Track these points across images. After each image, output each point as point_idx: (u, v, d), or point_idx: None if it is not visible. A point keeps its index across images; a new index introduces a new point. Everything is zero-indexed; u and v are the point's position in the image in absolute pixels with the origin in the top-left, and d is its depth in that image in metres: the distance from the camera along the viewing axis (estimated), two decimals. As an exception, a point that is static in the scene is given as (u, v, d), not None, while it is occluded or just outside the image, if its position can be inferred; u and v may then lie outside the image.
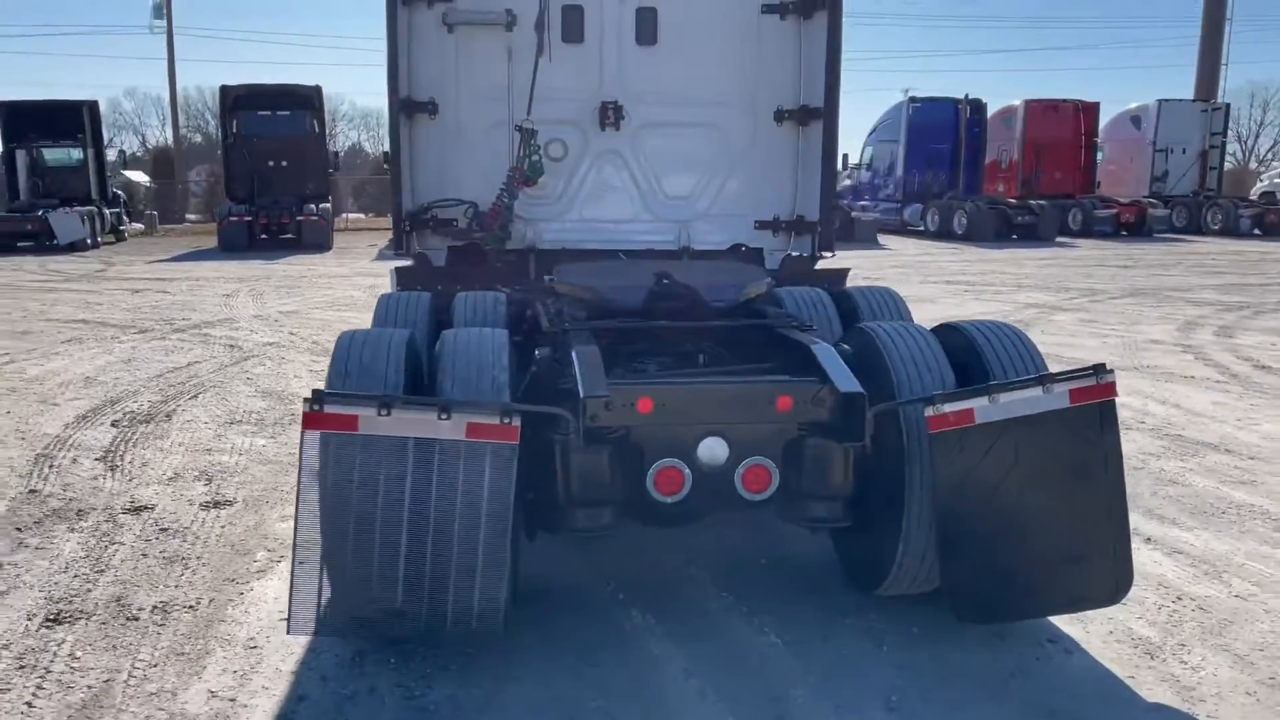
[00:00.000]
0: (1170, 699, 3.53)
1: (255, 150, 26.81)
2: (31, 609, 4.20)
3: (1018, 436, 3.62)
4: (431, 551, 3.44)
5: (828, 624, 4.08)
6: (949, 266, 20.75)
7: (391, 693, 3.55)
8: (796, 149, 6.87)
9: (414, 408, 3.41)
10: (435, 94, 6.53)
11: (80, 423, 7.38)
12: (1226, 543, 5.01)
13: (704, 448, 3.73)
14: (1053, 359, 9.83)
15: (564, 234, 6.84)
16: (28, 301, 15.02)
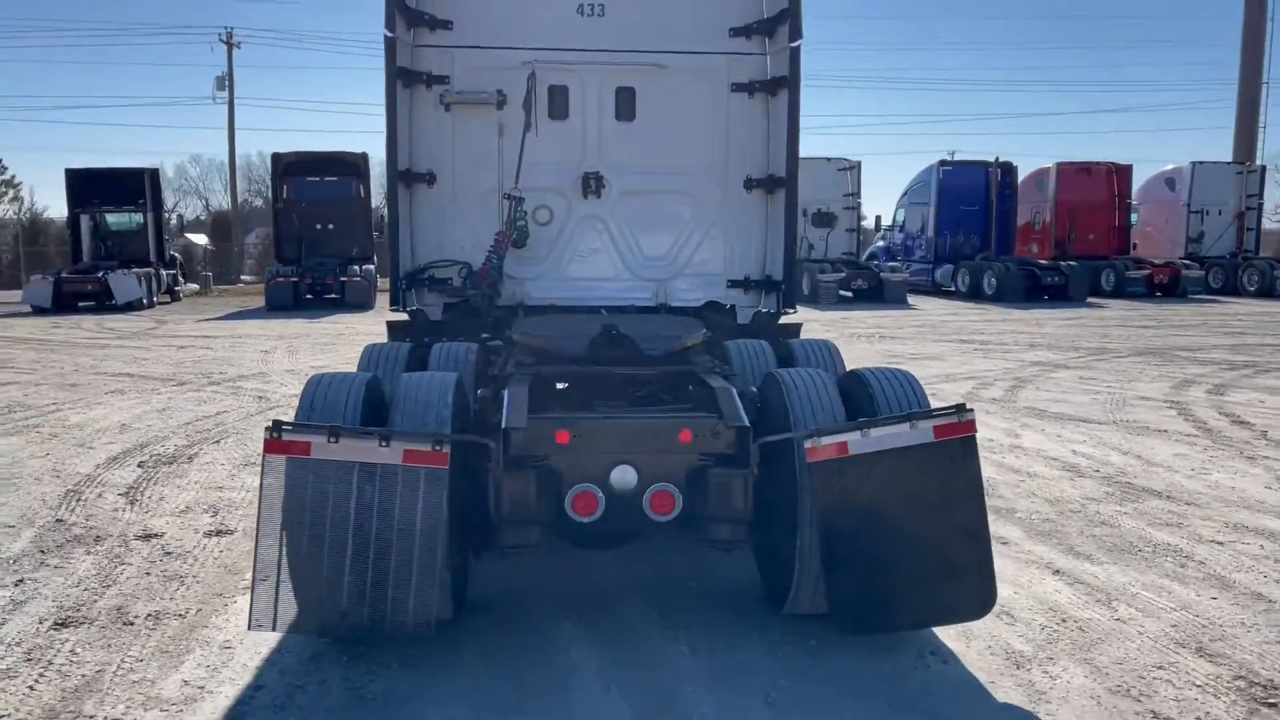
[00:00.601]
0: (1019, 700, 3.98)
1: (303, 214, 28.09)
2: (43, 615, 4.83)
3: (889, 467, 4.13)
4: (373, 561, 4.01)
5: (735, 636, 4.57)
6: (968, 326, 21.11)
7: (338, 684, 4.11)
8: (765, 214, 7.42)
9: (359, 436, 4.01)
10: (433, 165, 7.20)
11: (110, 464, 8.10)
12: (1129, 575, 5.42)
13: (615, 474, 4.27)
14: (1040, 413, 10.29)
15: (550, 292, 7.43)
16: (81, 357, 15.99)
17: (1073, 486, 7.36)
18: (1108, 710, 3.89)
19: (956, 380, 12.93)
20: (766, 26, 7.11)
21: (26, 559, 5.69)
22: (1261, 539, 6.06)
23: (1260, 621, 4.77)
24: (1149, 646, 4.48)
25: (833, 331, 19.97)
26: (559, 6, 7.09)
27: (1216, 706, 3.92)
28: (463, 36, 7.05)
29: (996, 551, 5.64)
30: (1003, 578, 5.29)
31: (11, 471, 7.85)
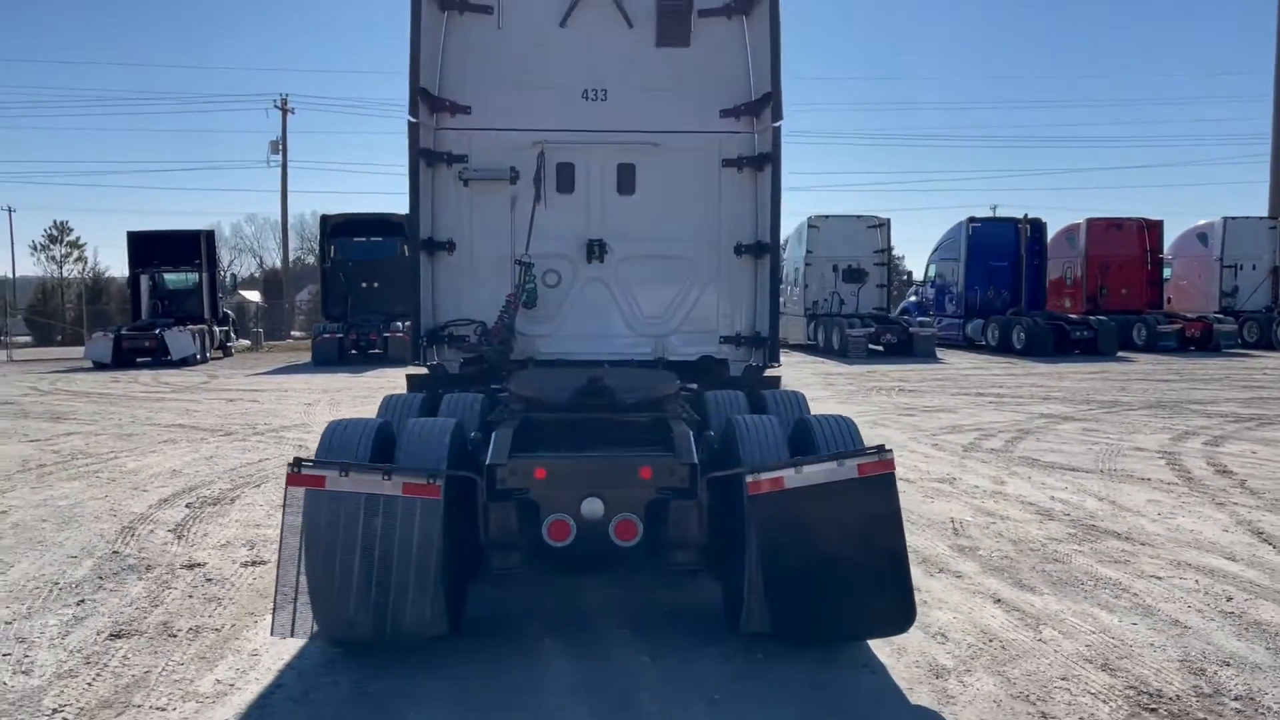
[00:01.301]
0: (930, 703, 4.57)
1: (349, 272, 29.34)
2: (100, 628, 5.60)
3: (820, 499, 4.78)
4: (376, 578, 4.73)
5: (693, 650, 5.22)
6: (990, 380, 21.56)
7: (346, 684, 4.82)
8: (754, 277, 8.12)
9: (366, 471, 4.76)
10: (453, 235, 8.00)
11: (161, 504, 8.93)
12: (1063, 604, 5.98)
13: (585, 505, 4.96)
14: (1032, 463, 10.82)
15: (558, 347, 8.16)
16: (137, 409, 17.03)
17: (1039, 528, 7.91)
18: (1005, 711, 4.48)
19: (962, 431, 13.46)
20: (753, 108, 7.85)
21: (87, 583, 6.48)
22: (1200, 575, 6.58)
23: (1169, 644, 5.31)
24: (1059, 662, 5.05)
25: (855, 385, 20.57)
26: (565, 92, 7.89)
27: (1102, 710, 4.49)
28: (480, 120, 7.86)
29: (949, 584, 6.28)
30: (946, 605, 5.92)
31: (74, 511, 8.70)
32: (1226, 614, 5.79)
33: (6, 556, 7.18)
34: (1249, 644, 5.30)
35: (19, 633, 5.54)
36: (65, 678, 4.89)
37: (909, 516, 8.16)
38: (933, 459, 11.26)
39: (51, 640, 5.42)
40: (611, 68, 7.81)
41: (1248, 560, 6.93)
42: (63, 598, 6.18)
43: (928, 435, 13.10)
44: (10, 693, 4.72)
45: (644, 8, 7.75)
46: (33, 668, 5.03)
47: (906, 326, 30.22)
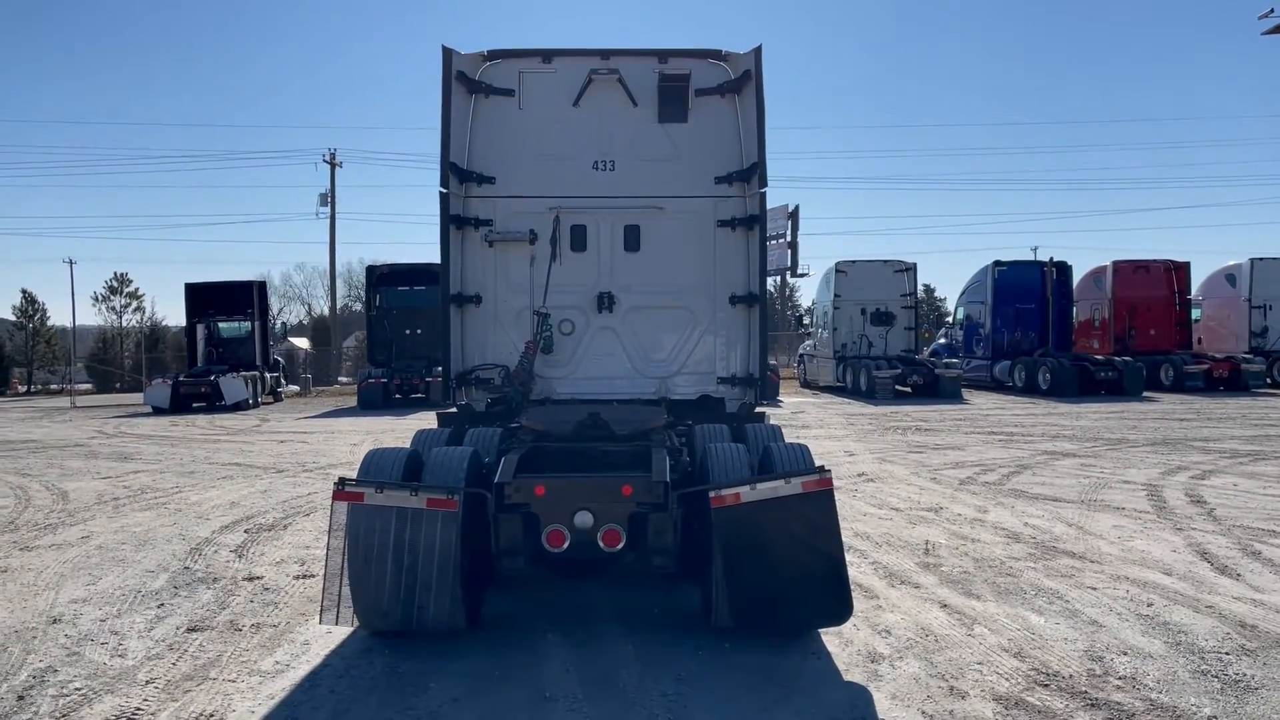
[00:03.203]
0: (860, 680, 5.51)
1: (394, 320, 30.74)
2: (179, 624, 6.69)
3: (771, 511, 5.75)
4: (405, 578, 5.77)
5: (670, 640, 6.18)
6: (1008, 419, 22.27)
7: (381, 665, 5.84)
8: (747, 325, 9.13)
9: (397, 489, 5.82)
10: (479, 289, 9.09)
11: (223, 530, 10.07)
12: (1001, 609, 6.86)
13: (578, 517, 5.97)
14: (1019, 494, 11.66)
15: (572, 387, 9.20)
16: (196, 450, 18.32)
17: (1004, 549, 8.77)
18: (921, 686, 5.39)
19: (964, 466, 14.28)
20: (744, 175, 8.89)
21: (164, 592, 7.59)
22: (1133, 587, 7.42)
23: (1080, 638, 6.19)
24: (979, 651, 5.95)
25: (874, 425, 21.38)
26: (578, 164, 8.98)
27: (1002, 685, 5.39)
28: (503, 188, 8.97)
29: (907, 593, 7.20)
30: (898, 609, 6.84)
31: (147, 536, 9.86)
32: (1141, 616, 6.65)
33: (95, 571, 8.33)
34: (1150, 639, 6.16)
35: (112, 628, 6.65)
36: (153, 659, 5.97)
37: (890, 540, 9.10)
38: (927, 491, 12.12)
39: (140, 633, 6.52)
40: (619, 141, 8.90)
41: (1182, 575, 7.75)
42: (146, 602, 7.29)
43: (929, 470, 13.94)
44: (111, 670, 5.80)
45: (647, 88, 8.84)
46: (126, 652, 6.12)
47: (932, 368, 30.94)
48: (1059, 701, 5.15)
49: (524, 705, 5.20)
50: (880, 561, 8.31)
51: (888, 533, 9.53)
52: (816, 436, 19.03)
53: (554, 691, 5.38)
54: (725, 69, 8.77)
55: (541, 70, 8.86)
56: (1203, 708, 5.07)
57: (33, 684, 5.58)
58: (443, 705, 5.19)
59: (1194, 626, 6.41)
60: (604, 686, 5.46)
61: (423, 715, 5.05)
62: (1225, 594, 7.17)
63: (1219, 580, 7.57)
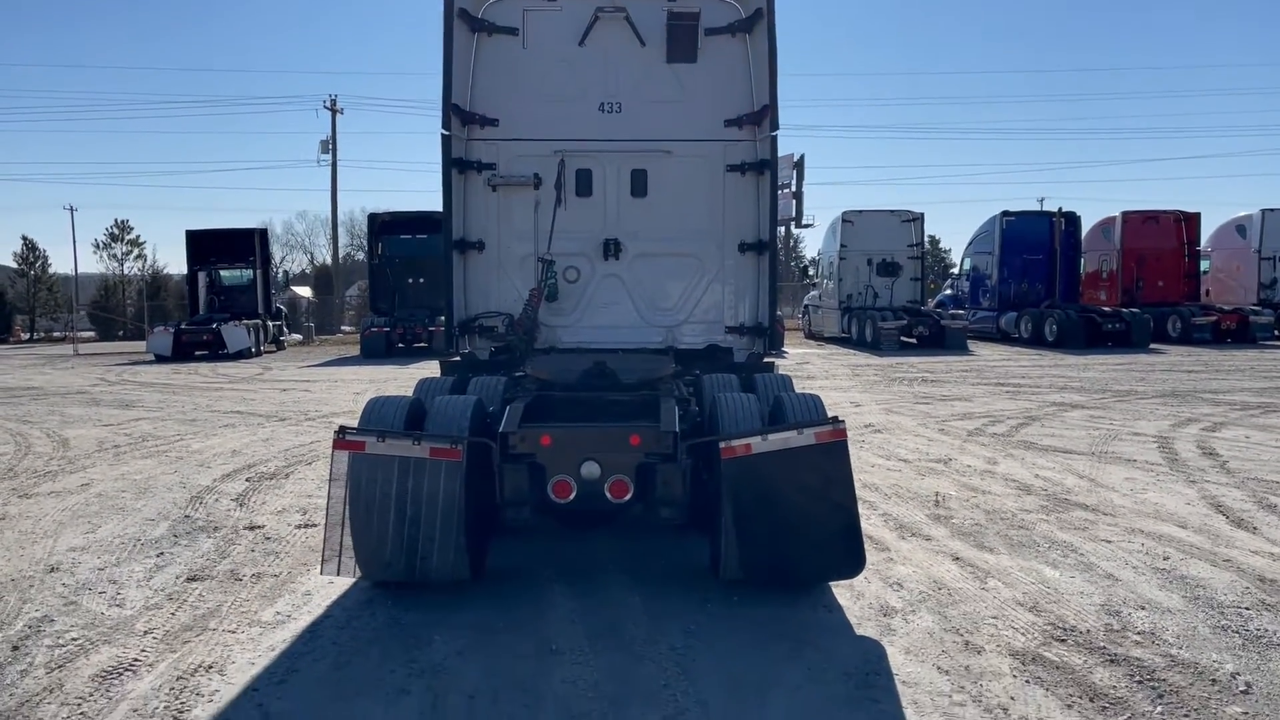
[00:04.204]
0: (872, 634, 5.39)
1: (396, 268, 30.51)
2: (179, 574, 6.59)
3: (783, 462, 5.59)
4: (408, 528, 5.63)
5: (678, 593, 6.07)
6: (1015, 371, 22.10)
7: (383, 616, 5.73)
8: (756, 273, 8.93)
9: (399, 437, 5.66)
10: (482, 235, 8.89)
11: (224, 479, 9.96)
12: (1014, 562, 6.74)
13: (585, 468, 5.82)
14: (1029, 446, 11.51)
15: (577, 336, 9.03)
16: (198, 398, 18.21)
17: (1015, 501, 8.65)
18: (935, 640, 5.28)
19: (972, 418, 14.14)
20: (754, 118, 8.64)
21: (164, 540, 7.49)
22: (1148, 540, 7.30)
23: (1096, 592, 6.07)
24: (994, 605, 5.83)
25: (880, 376, 21.23)
26: (584, 105, 8.73)
27: (1018, 639, 5.27)
28: (506, 131, 8.73)
29: (918, 545, 7.07)
30: (909, 561, 6.72)
31: (148, 484, 9.75)
32: (1158, 570, 6.52)
33: (95, 519, 8.22)
34: (1168, 593, 6.04)
35: (111, 576, 6.54)
36: (152, 609, 5.87)
37: (899, 492, 8.97)
38: (935, 442, 11.99)
39: (139, 582, 6.42)
40: (626, 82, 8.64)
41: (1197, 528, 7.62)
42: (145, 551, 7.18)
43: (937, 421, 13.81)
44: (108, 620, 5.70)
45: (655, 27, 8.57)
46: (125, 602, 6.02)
47: (938, 319, 30.74)
48: (1077, 657, 5.03)
49: (529, 658, 5.09)
50: (890, 513, 8.18)
51: (897, 484, 9.40)
52: (822, 388, 18.88)
53: (560, 644, 5.27)
54: (736, 7, 8.49)
55: (546, 8, 8.59)
56: (1224, 664, 4.95)
57: (28, 634, 5.48)
58: (446, 658, 5.08)
59: (1212, 580, 6.28)
60: (611, 639, 5.35)
61: (425, 669, 4.94)
62: (1242, 547, 7.04)
63: (1235, 534, 7.44)
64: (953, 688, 4.66)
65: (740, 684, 4.73)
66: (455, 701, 4.55)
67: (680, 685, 4.71)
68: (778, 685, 4.71)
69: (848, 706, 4.49)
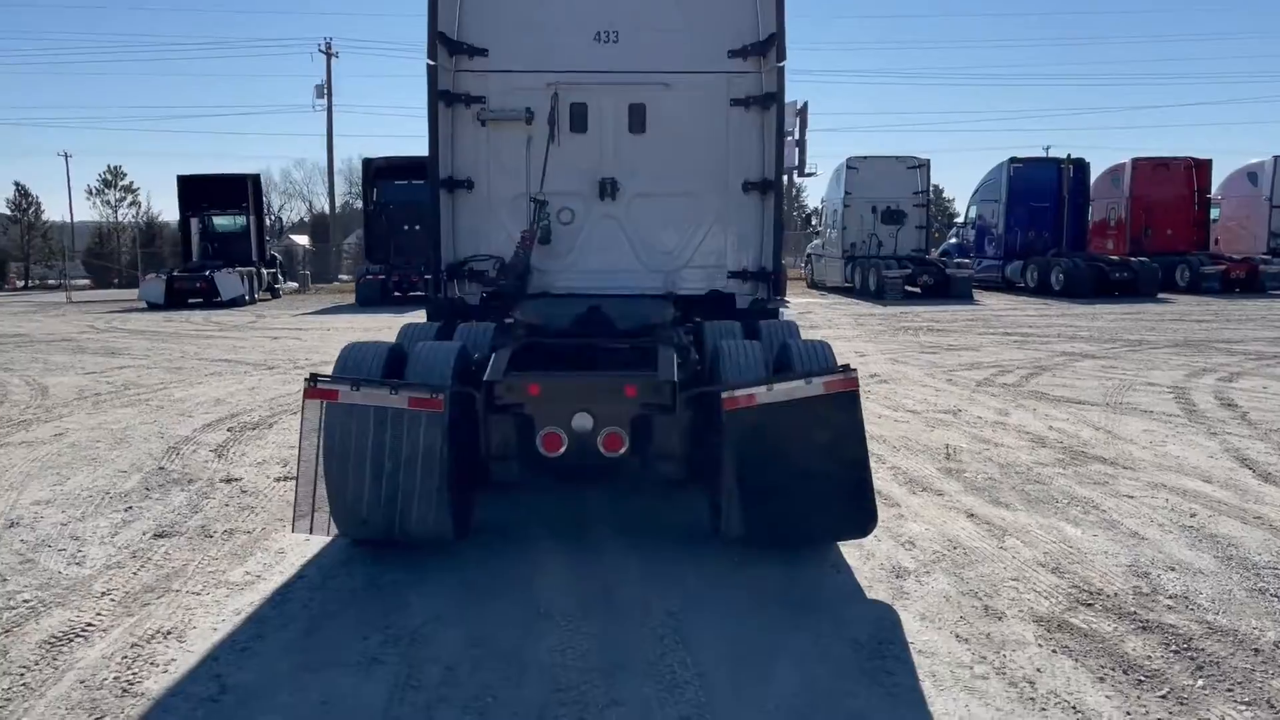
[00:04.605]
0: (884, 598, 5.01)
1: (392, 216, 29.85)
2: (146, 529, 6.21)
3: (789, 414, 5.18)
4: (386, 483, 5.24)
5: (676, 553, 5.69)
6: (1022, 320, 21.66)
7: (361, 576, 5.36)
8: (760, 214, 8.44)
9: (375, 386, 5.25)
10: (471, 174, 8.39)
11: (205, 429, 9.57)
12: (1032, 519, 6.36)
13: (576, 419, 5.41)
14: (1040, 396, 11.10)
15: (572, 281, 8.56)
16: (187, 345, 17.79)
17: (1029, 454, 8.26)
18: (952, 605, 4.90)
19: (980, 368, 13.73)
20: (759, 48, 8.11)
21: (134, 494, 7.11)
22: (1172, 495, 6.91)
23: (1122, 552, 5.69)
24: (1013, 566, 5.46)
25: (885, 325, 20.80)
26: (579, 35, 8.19)
27: (1042, 604, 4.89)
28: (496, 62, 8.20)
29: (930, 501, 6.69)
30: (921, 518, 6.33)
31: (125, 434, 9.37)
32: (1185, 527, 6.14)
33: (64, 471, 7.84)
34: (1198, 553, 5.66)
35: (74, 532, 6.17)
36: (113, 569, 5.49)
37: (908, 444, 8.58)
38: (943, 393, 11.59)
39: (102, 539, 6.04)
40: (623, 10, 8.09)
41: (1223, 483, 7.23)
42: (113, 505, 6.81)
43: (945, 371, 13.40)
44: (65, 579, 5.33)
45: None
46: (85, 560, 5.64)
47: (943, 268, 30.23)
48: (1106, 624, 4.66)
49: (516, 623, 4.72)
50: (900, 466, 7.80)
51: (905, 436, 9.01)
52: (825, 337, 18.42)
53: (549, 607, 4.90)
54: None
55: None
56: (1266, 631, 4.58)
57: (-21, 595, 5.11)
58: (425, 623, 4.71)
59: (1244, 539, 5.90)
60: (603, 602, 4.98)
61: (402, 635, 4.57)
62: (1273, 503, 6.66)
63: (1264, 489, 7.06)
64: (973, 658, 4.29)
65: (742, 653, 4.36)
66: (431, 673, 4.18)
67: (677, 654, 4.34)
68: (783, 654, 4.34)
69: (860, 679, 4.12)
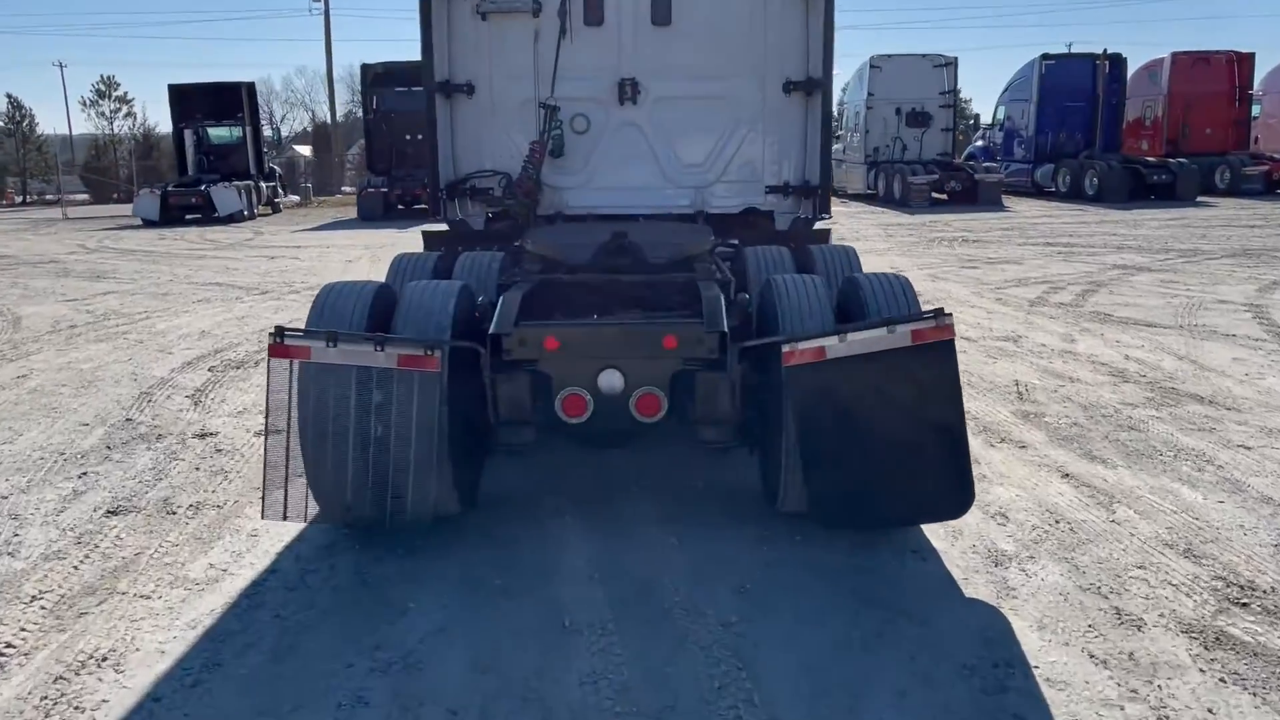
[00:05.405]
0: (986, 596, 4.07)
1: (393, 125, 28.45)
2: (98, 504, 5.30)
3: (867, 370, 4.19)
4: (373, 458, 4.29)
5: (724, 529, 4.76)
6: (1060, 228, 20.46)
7: (346, 569, 4.44)
8: (804, 118, 7.33)
9: (355, 341, 4.26)
10: (471, 76, 7.28)
11: (184, 368, 8.63)
12: (1139, 479, 5.39)
13: (603, 378, 4.43)
14: (1104, 318, 10.05)
15: (588, 200, 7.51)
16: (178, 267, 16.79)
17: (1113, 392, 7.26)
18: (1073, 606, 3.96)
19: (1028, 284, 12.66)
20: None
21: (93, 454, 6.19)
22: (1294, 444, 5.94)
23: (1261, 525, 4.73)
24: (1135, 547, 4.51)
25: (915, 236, 19.65)
26: None
27: (1185, 605, 3.95)
28: None
29: (1013, 456, 5.72)
30: (1009, 480, 5.37)
31: (95, 375, 8.43)
32: (1326, 491, 5.18)
33: (17, 424, 6.93)
34: (1354, 526, 4.71)
35: (13, 508, 5.26)
36: (51, 560, 4.59)
37: (968, 379, 7.60)
38: (996, 315, 10.56)
39: (45, 517, 5.13)
40: None
41: (1348, 428, 6.25)
42: (65, 470, 5.90)
43: (991, 289, 12.34)
44: (-9, 577, 4.43)
45: None
46: (20, 548, 4.73)
47: (971, 173, 28.87)
48: (1275, 634, 3.71)
49: (534, 638, 3.80)
50: (969, 410, 6.79)
51: (966, 370, 7.97)
52: (855, 249, 17.32)
53: (575, 614, 3.98)
54: None
55: None
56: None
57: (-114, 599, 4.22)
58: (423, 639, 3.79)
59: (1401, 506, 4.94)
60: (641, 606, 4.05)
61: (394, 657, 3.66)
62: None
63: (1399, 435, 6.08)
64: (1121, 692, 3.36)
65: (822, 685, 3.43)
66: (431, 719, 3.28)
67: (739, 687, 3.41)
68: (874, 687, 3.42)
69: (978, 725, 3.21)
